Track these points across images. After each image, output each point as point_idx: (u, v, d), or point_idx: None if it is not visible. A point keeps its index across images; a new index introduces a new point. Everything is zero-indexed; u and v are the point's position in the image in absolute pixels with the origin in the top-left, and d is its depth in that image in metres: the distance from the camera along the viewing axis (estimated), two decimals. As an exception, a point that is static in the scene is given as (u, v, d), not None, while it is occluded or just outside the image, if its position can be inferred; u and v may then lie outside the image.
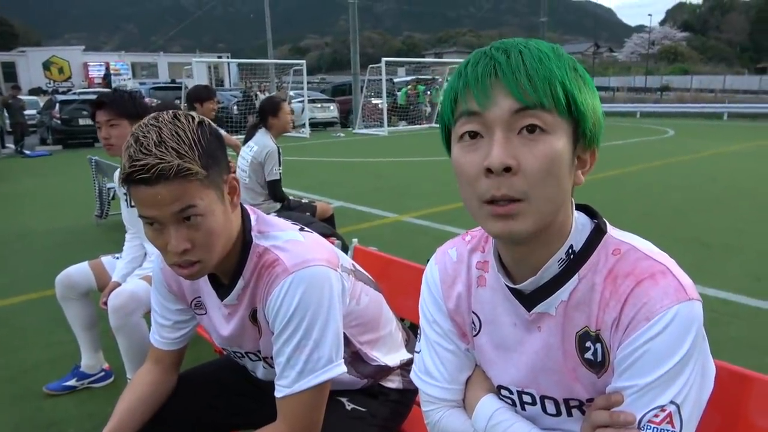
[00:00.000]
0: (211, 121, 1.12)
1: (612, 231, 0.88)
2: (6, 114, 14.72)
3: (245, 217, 1.22)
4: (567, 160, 0.77)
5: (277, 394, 1.14)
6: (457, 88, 0.79)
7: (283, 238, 1.20)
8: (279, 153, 3.90)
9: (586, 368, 0.86)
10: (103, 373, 2.80)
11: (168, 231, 1.05)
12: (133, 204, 2.64)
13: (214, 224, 1.08)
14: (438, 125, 0.87)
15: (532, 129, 0.74)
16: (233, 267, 1.20)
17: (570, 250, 0.85)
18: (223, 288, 1.24)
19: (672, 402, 0.77)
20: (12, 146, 15.12)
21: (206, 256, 1.10)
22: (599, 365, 0.85)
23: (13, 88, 15.85)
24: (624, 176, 8.91)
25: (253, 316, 1.23)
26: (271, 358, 1.22)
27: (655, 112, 26.02)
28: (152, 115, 1.07)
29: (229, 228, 1.15)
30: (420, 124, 20.84)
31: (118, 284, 2.47)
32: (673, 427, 0.77)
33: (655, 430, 0.77)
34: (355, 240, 2.30)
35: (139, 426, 1.31)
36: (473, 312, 0.97)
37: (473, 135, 0.77)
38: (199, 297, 1.31)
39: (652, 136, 16.29)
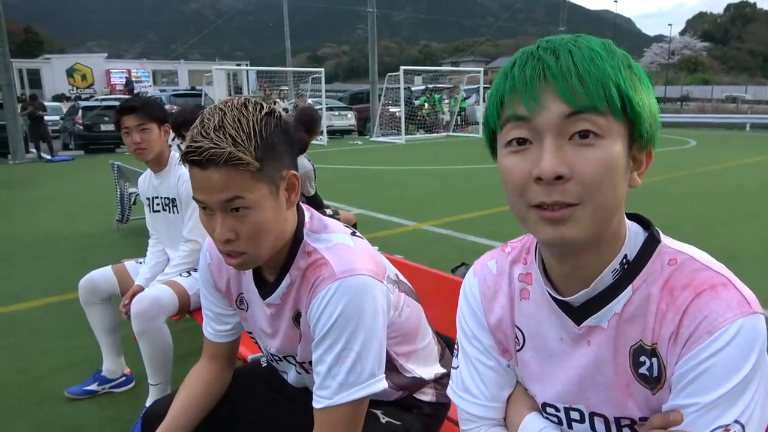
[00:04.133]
0: (282, 113, 1.11)
1: (666, 240, 0.84)
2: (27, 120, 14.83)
3: (300, 214, 1.20)
4: (623, 164, 0.73)
5: (316, 404, 1.11)
6: (503, 91, 0.75)
7: (334, 241, 1.18)
8: (314, 171, 3.95)
9: (640, 384, 0.81)
10: (124, 378, 2.79)
11: (216, 218, 1.05)
12: (155, 209, 2.67)
13: (262, 219, 1.06)
14: (456, 134, 0.84)
15: (585, 134, 0.70)
16: (281, 264, 1.18)
17: (624, 260, 0.80)
18: (266, 287, 1.22)
19: (737, 421, 0.72)
20: (34, 151, 15.29)
21: (252, 250, 1.08)
22: (655, 381, 0.80)
23: (32, 98, 15.92)
24: (646, 187, 8.69)
25: (297, 319, 1.21)
26: (308, 363, 1.19)
27: (676, 122, 25.71)
28: (225, 98, 1.08)
29: (281, 225, 1.12)
30: (437, 132, 20.82)
31: (141, 288, 2.48)
32: None
33: None
34: (376, 248, 2.27)
35: (193, 426, 1.31)
36: (516, 326, 0.93)
37: (522, 141, 0.73)
38: (242, 294, 1.30)
39: (674, 146, 16.07)
